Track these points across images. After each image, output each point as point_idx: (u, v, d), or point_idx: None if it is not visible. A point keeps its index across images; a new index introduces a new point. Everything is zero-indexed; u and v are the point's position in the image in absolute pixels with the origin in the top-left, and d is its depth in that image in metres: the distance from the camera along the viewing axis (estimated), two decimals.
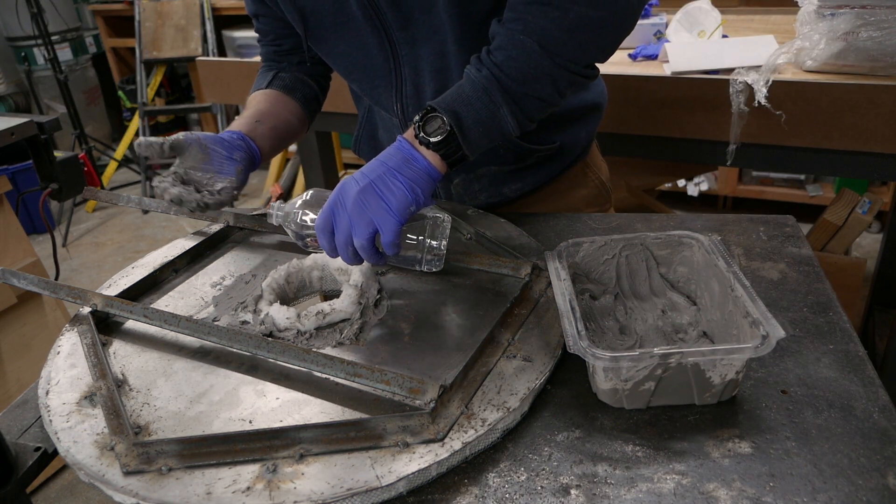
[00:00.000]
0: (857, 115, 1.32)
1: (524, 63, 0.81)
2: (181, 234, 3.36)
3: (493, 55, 0.82)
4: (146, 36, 3.84)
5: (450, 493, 0.61)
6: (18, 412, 0.79)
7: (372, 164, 0.80)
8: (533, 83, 0.83)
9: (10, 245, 1.88)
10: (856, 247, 2.57)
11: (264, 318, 0.82)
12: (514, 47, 0.81)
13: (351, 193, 0.77)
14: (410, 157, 0.79)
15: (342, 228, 0.78)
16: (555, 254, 0.80)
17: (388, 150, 0.81)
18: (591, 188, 1.17)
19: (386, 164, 0.79)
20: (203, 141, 0.94)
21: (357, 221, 0.77)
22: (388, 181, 0.77)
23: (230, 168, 0.95)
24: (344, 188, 0.79)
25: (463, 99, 0.81)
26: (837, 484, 0.58)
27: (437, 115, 0.80)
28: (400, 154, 0.80)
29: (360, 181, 0.78)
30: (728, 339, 0.71)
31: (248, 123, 1.03)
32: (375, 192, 0.77)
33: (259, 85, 1.13)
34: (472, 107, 0.81)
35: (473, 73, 0.83)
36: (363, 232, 0.77)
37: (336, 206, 0.78)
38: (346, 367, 0.70)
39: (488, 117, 0.82)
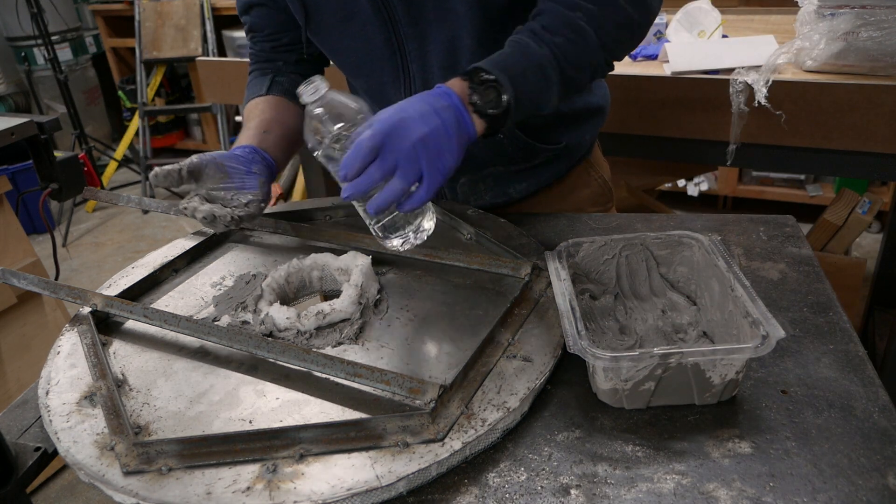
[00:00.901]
0: (857, 115, 1.32)
1: (581, 50, 0.82)
2: (181, 234, 3.36)
3: (553, 34, 0.81)
4: (146, 36, 3.84)
5: (450, 493, 0.61)
6: (18, 412, 0.79)
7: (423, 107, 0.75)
8: (583, 70, 0.84)
9: (10, 245, 1.88)
10: (856, 247, 2.57)
11: (264, 318, 0.82)
12: (573, 32, 0.81)
13: (411, 135, 0.73)
14: (461, 119, 0.77)
15: (387, 163, 0.73)
16: (555, 254, 0.80)
17: (436, 98, 0.77)
18: (595, 187, 1.17)
19: (441, 117, 0.75)
20: (219, 160, 0.91)
21: (408, 166, 0.73)
22: (444, 138, 0.74)
23: (252, 182, 0.93)
24: (404, 124, 0.73)
25: (520, 71, 0.79)
26: (837, 484, 0.58)
27: (494, 85, 0.78)
28: (452, 112, 0.76)
29: (419, 124, 0.73)
30: (728, 339, 0.71)
31: (256, 135, 1.00)
32: (434, 145, 0.73)
33: (257, 91, 1.09)
34: (528, 81, 0.79)
35: (533, 47, 0.81)
36: (410, 177, 0.73)
37: (390, 140, 0.73)
38: (346, 367, 0.70)
39: (537, 94, 0.81)
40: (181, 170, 0.88)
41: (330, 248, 0.99)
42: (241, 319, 0.85)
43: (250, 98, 1.09)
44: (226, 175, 0.91)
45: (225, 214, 0.88)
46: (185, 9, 3.83)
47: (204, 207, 0.88)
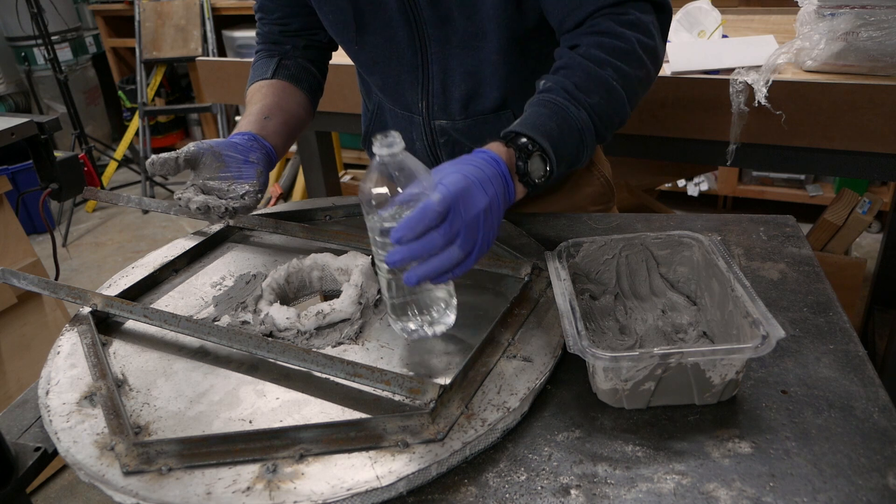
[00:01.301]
0: (857, 115, 1.32)
1: (614, 109, 0.82)
2: (181, 234, 3.36)
3: (587, 95, 0.80)
4: (146, 36, 3.84)
5: (450, 493, 0.61)
6: (18, 412, 0.79)
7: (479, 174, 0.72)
8: (613, 128, 0.84)
9: (10, 245, 1.88)
10: (856, 247, 2.57)
11: (264, 318, 0.82)
12: (606, 91, 0.81)
13: (477, 205, 0.69)
14: (507, 188, 0.75)
15: (453, 231, 0.67)
16: (555, 254, 0.80)
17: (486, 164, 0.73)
18: (597, 186, 1.17)
19: (494, 186, 0.72)
20: (216, 149, 0.90)
21: (469, 235, 0.69)
22: (497, 209, 0.72)
23: (249, 171, 0.91)
24: (469, 194, 0.69)
25: (559, 138, 0.78)
26: (837, 484, 0.58)
27: (539, 154, 0.77)
28: (501, 181, 0.74)
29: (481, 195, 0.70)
30: (728, 339, 0.71)
31: (257, 121, 0.98)
32: (491, 217, 0.71)
33: (261, 73, 1.07)
34: (566, 146, 0.79)
35: (573, 111, 0.79)
36: (468, 246, 0.69)
37: (457, 206, 0.68)
38: (346, 367, 0.70)
39: (574, 157, 0.81)
40: (178, 158, 0.87)
41: (330, 248, 0.99)
42: (241, 319, 0.85)
43: (255, 80, 1.07)
44: (223, 164, 0.90)
45: (219, 206, 0.87)
46: (185, 9, 3.83)
47: (198, 198, 0.87)
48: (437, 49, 0.95)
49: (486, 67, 0.95)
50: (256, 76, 1.08)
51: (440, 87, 0.99)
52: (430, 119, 1.02)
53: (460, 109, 0.99)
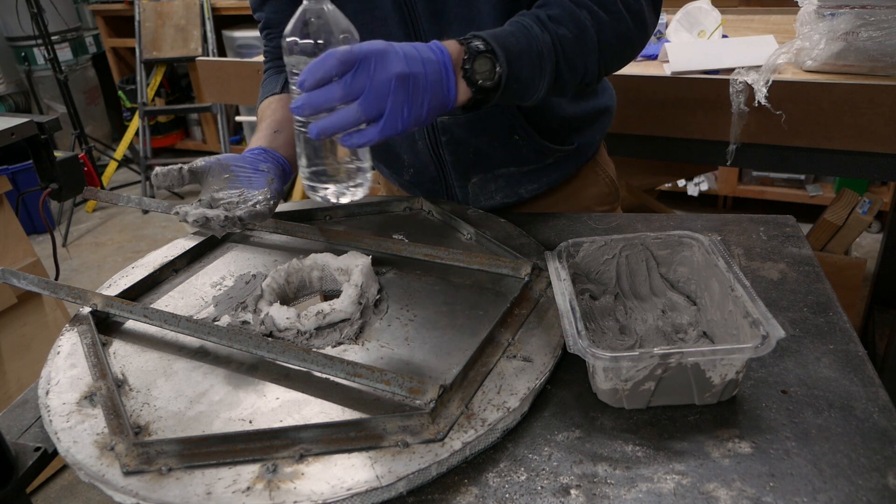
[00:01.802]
0: (857, 115, 1.32)
1: (580, 48, 0.80)
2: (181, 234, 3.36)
3: (557, 25, 0.79)
4: (146, 36, 3.84)
5: (450, 493, 0.61)
6: (18, 412, 0.79)
7: (412, 51, 0.71)
8: (575, 70, 0.82)
9: (10, 245, 1.88)
10: (856, 247, 2.57)
11: (264, 318, 0.82)
12: (576, 28, 0.80)
13: (391, 68, 0.68)
14: (446, 80, 0.73)
15: (355, 86, 0.68)
16: (555, 254, 0.80)
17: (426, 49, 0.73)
18: (602, 186, 1.17)
19: (425, 70, 0.71)
20: (223, 161, 0.88)
21: (374, 97, 0.68)
22: (419, 89, 0.70)
23: (259, 180, 0.88)
24: (386, 55, 0.69)
25: (517, 51, 0.77)
26: (837, 484, 0.58)
27: (489, 57, 0.75)
28: (437, 69, 0.72)
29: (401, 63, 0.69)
30: (728, 339, 0.71)
31: (266, 136, 0.96)
32: (407, 90, 0.69)
33: (270, 89, 1.06)
34: (523, 63, 0.77)
35: (536, 32, 0.78)
36: (370, 110, 0.68)
37: (367, 62, 0.68)
38: (346, 367, 0.70)
39: (528, 81, 0.78)
40: (182, 169, 0.85)
41: (330, 248, 0.99)
42: (241, 319, 0.85)
43: (264, 97, 1.07)
44: (231, 176, 0.87)
45: (218, 215, 0.82)
46: (185, 9, 3.83)
47: (196, 211, 0.82)
48: None
49: None
50: (265, 93, 1.06)
51: None
52: None
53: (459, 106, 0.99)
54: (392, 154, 1.11)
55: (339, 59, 0.68)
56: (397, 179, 1.16)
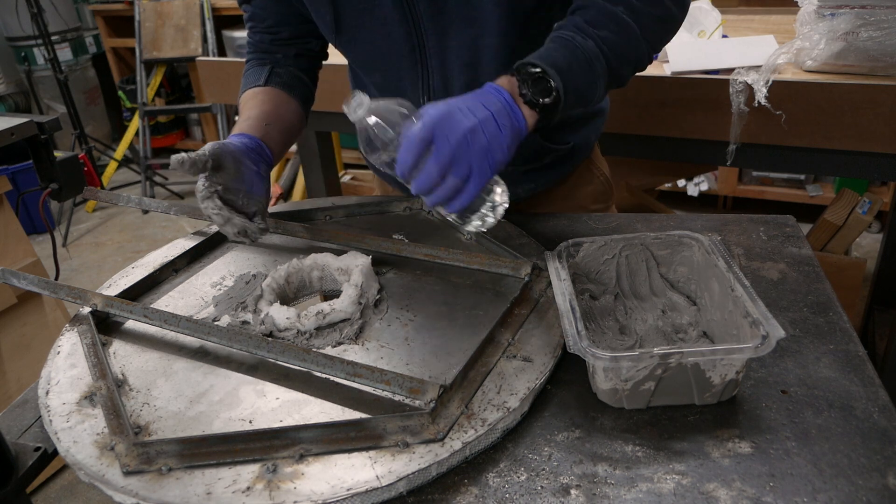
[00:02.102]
0: (857, 115, 1.32)
1: (626, 42, 0.83)
2: (181, 234, 3.36)
3: (597, 28, 0.81)
4: (146, 36, 3.84)
5: (450, 493, 0.61)
6: (18, 412, 0.79)
7: (470, 101, 0.75)
8: (628, 64, 0.84)
9: (10, 245, 1.88)
10: (856, 247, 2.57)
11: (264, 318, 0.82)
12: (616, 25, 0.82)
13: (460, 126, 0.72)
14: (512, 112, 0.76)
15: (443, 158, 0.72)
16: (555, 254, 0.80)
17: (486, 94, 0.77)
18: (597, 184, 1.18)
19: (489, 110, 0.74)
20: (236, 154, 0.89)
21: (460, 159, 0.72)
22: (496, 132, 0.73)
23: (259, 186, 0.91)
24: (452, 116, 0.72)
25: (566, 64, 0.79)
26: (837, 484, 0.58)
27: (544, 77, 0.77)
28: (502, 107, 0.76)
29: (467, 115, 0.72)
30: (728, 339, 0.71)
31: (258, 126, 0.97)
32: (484, 137, 0.72)
33: (254, 80, 1.06)
34: (575, 74, 0.79)
35: (579, 41, 0.80)
36: (461, 171, 0.72)
37: (440, 131, 0.72)
38: (346, 367, 0.70)
39: (585, 87, 0.81)
40: (207, 161, 0.85)
41: (330, 248, 0.99)
42: (241, 319, 0.85)
43: (248, 87, 1.06)
44: (240, 172, 0.89)
45: (255, 231, 0.88)
46: (185, 9, 3.83)
47: (238, 220, 0.86)
48: (435, 42, 0.95)
49: (485, 56, 0.94)
50: (249, 83, 1.07)
51: (440, 81, 0.98)
52: None
53: None
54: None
55: (420, 139, 0.72)
56: (394, 180, 1.16)
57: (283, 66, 1.08)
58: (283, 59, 1.08)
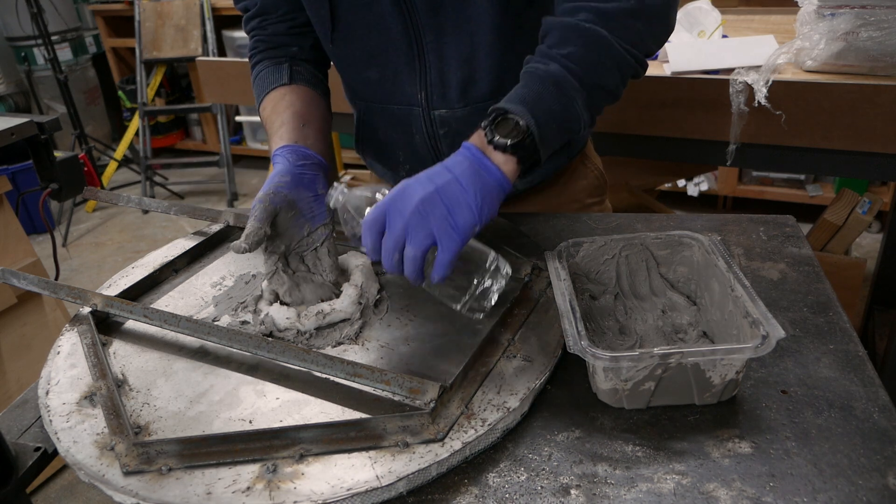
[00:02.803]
0: (857, 115, 1.32)
1: (594, 52, 0.78)
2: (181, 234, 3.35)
3: (559, 48, 0.78)
4: (146, 36, 3.84)
5: (450, 493, 0.61)
6: (18, 412, 0.79)
7: (436, 169, 0.73)
8: (603, 73, 0.80)
9: (10, 245, 1.88)
10: (856, 247, 2.57)
11: (264, 318, 0.82)
12: (580, 37, 0.78)
13: (413, 198, 0.70)
14: (481, 167, 0.72)
15: (396, 232, 0.71)
16: (555, 254, 0.80)
17: (454, 157, 0.74)
18: (591, 178, 1.18)
19: (452, 173, 0.72)
20: (289, 196, 0.84)
21: (415, 229, 0.70)
22: (456, 194, 0.70)
23: (320, 209, 0.87)
24: (405, 191, 0.71)
25: (534, 96, 0.76)
26: (837, 484, 0.58)
27: (509, 117, 0.74)
28: (468, 162, 0.73)
29: (424, 186, 0.71)
30: (728, 339, 0.71)
31: (295, 130, 0.92)
32: (442, 203, 0.70)
33: (276, 80, 1.00)
34: (545, 102, 0.76)
35: (541, 69, 0.77)
36: (419, 242, 0.70)
37: (392, 207, 0.71)
38: (346, 367, 0.70)
39: (562, 112, 0.77)
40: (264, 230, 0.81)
41: None
42: (241, 319, 0.85)
43: (271, 88, 1.00)
44: (296, 210, 0.85)
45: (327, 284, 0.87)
46: (185, 9, 3.82)
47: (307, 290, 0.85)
48: (432, 38, 0.94)
49: (481, 51, 0.94)
50: (270, 83, 1.01)
51: (437, 76, 0.98)
52: (429, 109, 1.01)
53: (458, 97, 0.99)
54: (387, 151, 1.10)
55: (370, 220, 0.72)
56: (393, 177, 1.16)
57: (299, 62, 1.04)
58: (298, 52, 1.04)
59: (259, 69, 1.04)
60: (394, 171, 1.14)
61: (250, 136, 4.23)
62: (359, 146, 1.17)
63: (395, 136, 1.07)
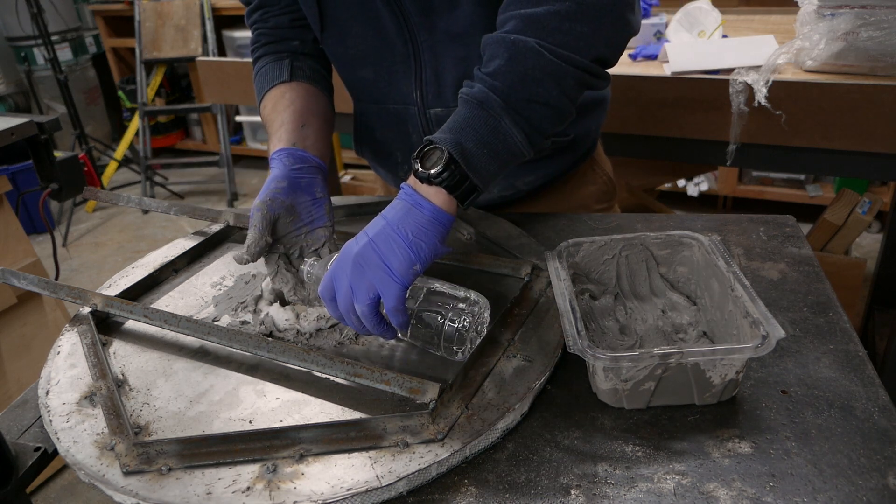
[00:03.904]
0: (857, 115, 1.32)
1: (521, 64, 0.73)
2: (181, 234, 3.36)
3: (486, 66, 0.76)
4: (146, 36, 3.84)
5: (450, 493, 0.61)
6: (18, 412, 0.79)
7: (375, 220, 0.74)
8: (534, 85, 0.74)
9: (10, 245, 1.88)
10: (856, 247, 2.57)
11: (264, 319, 0.82)
12: (506, 50, 0.74)
13: (349, 256, 0.71)
14: (414, 205, 0.72)
15: (343, 293, 0.72)
16: (555, 254, 0.80)
17: (392, 203, 0.74)
18: (600, 184, 1.17)
19: (386, 219, 0.72)
20: (287, 202, 0.84)
21: (357, 285, 0.71)
22: (388, 238, 0.70)
23: (319, 211, 0.87)
24: (345, 251, 0.73)
25: (459, 123, 0.74)
26: (837, 484, 0.58)
27: (434, 147, 0.73)
28: (401, 203, 0.73)
29: (359, 241, 0.72)
30: (728, 339, 0.71)
31: (294, 130, 0.91)
32: (375, 252, 0.70)
33: (276, 76, 0.99)
34: (471, 128, 0.73)
35: (465, 93, 0.75)
36: (363, 297, 0.70)
37: (337, 270, 0.72)
38: (346, 367, 0.70)
39: (490, 135, 0.73)
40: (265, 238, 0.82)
41: None
42: (241, 319, 0.85)
43: (270, 85, 0.99)
44: (296, 215, 0.86)
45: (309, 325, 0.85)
46: (185, 9, 3.83)
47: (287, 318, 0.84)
48: (426, 37, 0.93)
49: (474, 51, 0.92)
50: (270, 80, 0.99)
51: (433, 75, 0.97)
52: (425, 108, 1.00)
53: (454, 95, 0.98)
54: (385, 151, 1.10)
55: (324, 294, 0.74)
56: (393, 179, 1.16)
57: (300, 57, 1.02)
58: (300, 46, 1.03)
59: (260, 65, 1.03)
60: (393, 172, 1.13)
61: (250, 136, 4.23)
62: (357, 147, 1.16)
63: (392, 136, 1.06)
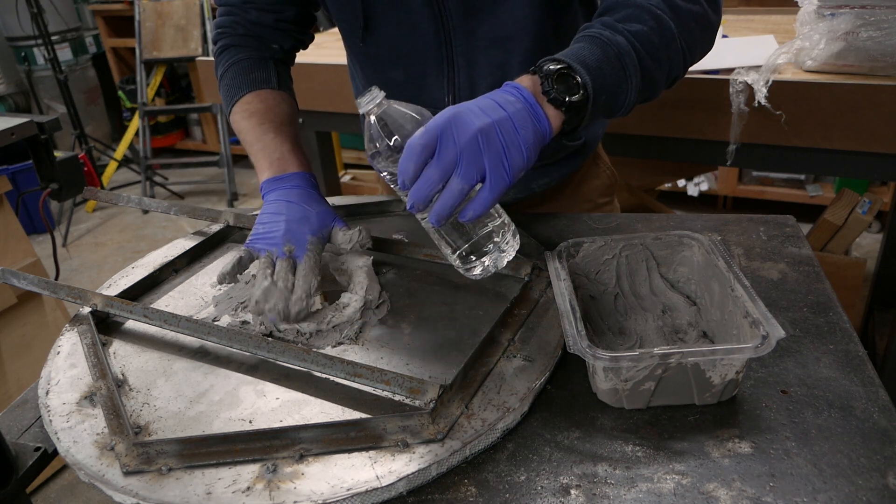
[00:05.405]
0: (857, 115, 1.32)
1: (660, 39, 0.75)
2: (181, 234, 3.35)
3: (627, 24, 0.75)
4: (146, 36, 3.84)
5: (450, 493, 0.61)
6: (18, 412, 0.79)
7: (486, 102, 0.68)
8: (661, 63, 0.76)
9: (10, 245, 1.88)
10: (856, 247, 2.57)
11: (264, 319, 0.82)
12: (651, 19, 0.75)
13: (470, 127, 0.65)
14: (534, 114, 0.69)
15: (445, 160, 0.65)
16: (555, 254, 0.80)
17: (504, 95, 0.70)
18: (604, 178, 1.19)
19: (506, 111, 0.67)
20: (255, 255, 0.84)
21: (468, 161, 0.65)
22: (511, 132, 0.66)
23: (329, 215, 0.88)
24: (460, 117, 0.66)
25: (595, 61, 0.71)
26: (837, 484, 0.58)
27: (571, 74, 0.70)
28: (522, 105, 0.68)
29: (479, 117, 0.66)
30: (728, 339, 0.71)
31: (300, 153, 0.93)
32: (498, 139, 0.65)
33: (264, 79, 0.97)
34: (602, 72, 0.72)
35: (607, 36, 0.73)
36: (470, 174, 0.65)
37: (446, 133, 0.65)
38: (346, 367, 0.70)
39: (616, 86, 0.73)
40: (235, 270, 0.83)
41: (330, 248, 0.99)
42: (241, 319, 0.85)
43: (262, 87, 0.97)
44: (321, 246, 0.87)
45: None
46: (185, 9, 3.83)
47: None
48: (463, 41, 0.91)
49: (515, 58, 0.91)
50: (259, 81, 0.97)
51: (467, 80, 0.95)
52: None
53: None
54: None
55: (421, 144, 0.66)
56: None
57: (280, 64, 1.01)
58: (278, 52, 1.01)
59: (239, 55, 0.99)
60: None
61: None
62: None
63: None
